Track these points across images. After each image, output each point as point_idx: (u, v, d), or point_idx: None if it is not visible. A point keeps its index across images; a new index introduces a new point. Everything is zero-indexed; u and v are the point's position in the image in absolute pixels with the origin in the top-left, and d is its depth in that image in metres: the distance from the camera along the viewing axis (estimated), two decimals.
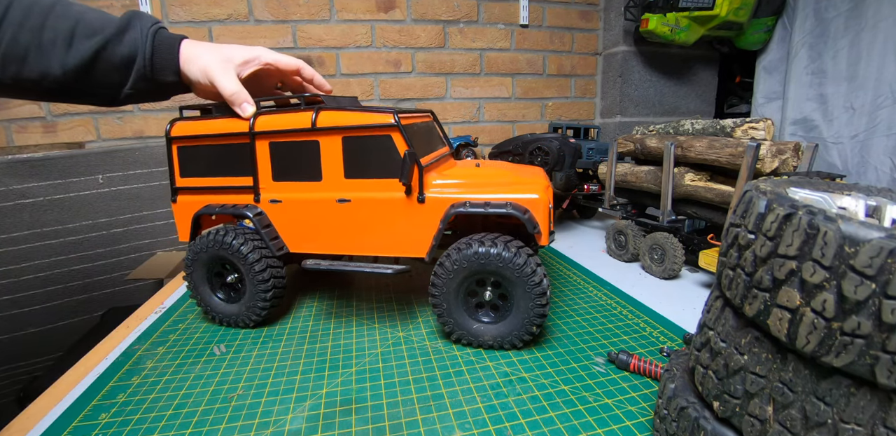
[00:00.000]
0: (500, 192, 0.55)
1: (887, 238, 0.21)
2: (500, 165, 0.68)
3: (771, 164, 0.64)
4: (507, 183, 0.57)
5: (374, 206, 0.56)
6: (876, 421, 0.23)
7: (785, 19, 1.24)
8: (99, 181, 1.15)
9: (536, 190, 0.55)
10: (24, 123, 1.20)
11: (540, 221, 0.54)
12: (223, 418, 0.44)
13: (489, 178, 0.59)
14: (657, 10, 1.20)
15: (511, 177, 0.59)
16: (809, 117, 1.18)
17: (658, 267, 0.79)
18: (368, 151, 0.55)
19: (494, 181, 0.58)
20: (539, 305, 0.52)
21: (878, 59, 1.03)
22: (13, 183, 1.06)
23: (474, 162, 0.73)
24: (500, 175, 0.60)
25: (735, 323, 0.30)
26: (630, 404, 0.45)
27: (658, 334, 0.59)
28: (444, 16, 1.38)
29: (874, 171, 1.05)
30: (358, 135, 0.55)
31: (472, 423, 0.43)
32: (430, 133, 0.66)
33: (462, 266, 0.52)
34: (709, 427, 0.31)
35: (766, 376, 0.27)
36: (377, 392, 0.48)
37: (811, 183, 0.36)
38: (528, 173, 0.64)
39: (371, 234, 0.58)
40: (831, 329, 0.23)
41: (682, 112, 1.54)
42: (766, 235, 0.27)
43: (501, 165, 0.70)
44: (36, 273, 1.11)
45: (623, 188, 0.93)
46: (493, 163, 0.73)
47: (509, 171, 0.62)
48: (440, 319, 0.56)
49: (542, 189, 0.55)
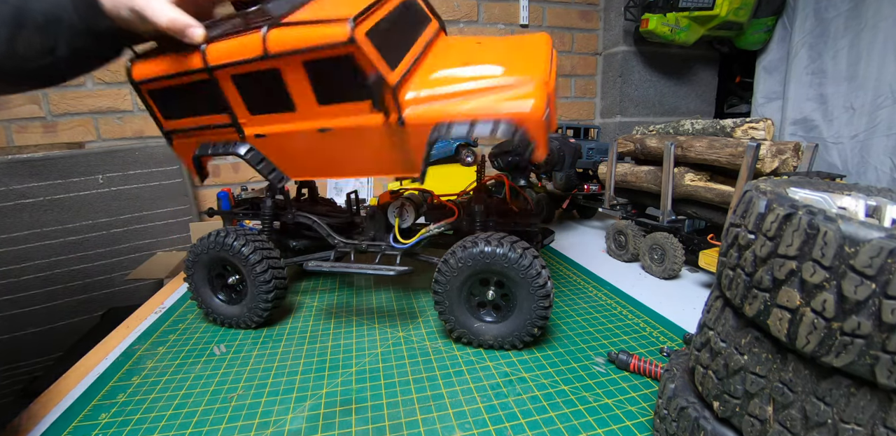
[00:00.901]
0: (489, 103, 0.49)
1: (887, 238, 0.21)
2: (496, 46, 0.60)
3: (771, 164, 0.64)
4: (499, 86, 0.50)
5: (357, 133, 0.52)
6: (876, 421, 0.23)
7: (785, 19, 1.24)
8: (99, 181, 1.16)
9: (532, 94, 0.48)
10: (24, 123, 1.20)
11: (536, 134, 0.48)
12: (223, 418, 0.44)
13: (480, 76, 0.51)
14: (657, 10, 1.20)
15: (505, 72, 0.51)
16: (809, 117, 1.18)
17: (658, 267, 0.79)
18: (334, 73, 0.49)
19: (485, 83, 0.50)
20: (542, 306, 0.52)
21: (878, 59, 1.03)
22: (13, 183, 1.06)
23: (473, 40, 0.64)
24: (493, 71, 0.52)
25: (735, 323, 0.30)
26: (630, 404, 0.45)
27: (658, 334, 0.59)
28: (444, 16, 1.38)
29: (874, 171, 1.05)
30: (317, 57, 0.47)
31: (472, 423, 0.43)
32: (405, 18, 0.56)
33: (466, 265, 0.52)
34: (709, 427, 0.31)
35: (766, 376, 0.27)
36: (377, 392, 0.48)
37: (811, 183, 0.36)
38: (526, 59, 0.55)
39: (361, 159, 0.55)
40: (831, 329, 0.23)
41: (682, 112, 1.54)
42: (766, 236, 0.27)
43: (498, 44, 0.61)
44: (36, 273, 1.11)
45: (623, 188, 0.93)
46: (491, 41, 0.63)
47: (504, 57, 0.55)
48: (442, 316, 0.56)
49: (538, 92, 0.48)
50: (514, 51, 0.57)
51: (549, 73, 0.52)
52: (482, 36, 0.62)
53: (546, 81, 0.50)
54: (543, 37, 0.61)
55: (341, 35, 0.44)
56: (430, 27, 0.60)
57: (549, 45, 0.59)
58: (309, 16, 0.47)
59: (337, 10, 0.47)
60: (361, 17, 0.46)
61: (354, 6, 0.47)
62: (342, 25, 0.45)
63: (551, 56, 0.57)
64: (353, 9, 0.46)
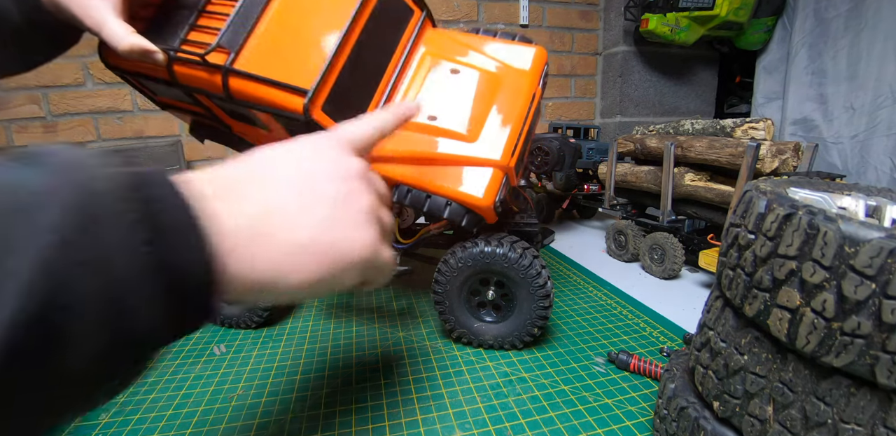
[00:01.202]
0: (447, 179, 0.48)
1: (887, 238, 0.21)
2: (473, 82, 0.51)
3: (771, 164, 0.64)
4: (460, 158, 0.48)
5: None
6: (876, 421, 0.23)
7: (785, 19, 1.24)
8: None
9: (488, 183, 0.47)
10: (24, 123, 1.20)
11: (486, 215, 0.49)
12: (223, 418, 0.44)
13: (444, 132, 0.49)
14: (657, 10, 1.20)
15: (469, 134, 0.48)
16: (809, 117, 1.18)
17: (658, 267, 0.79)
18: (297, 124, 0.46)
19: (447, 148, 0.48)
20: (542, 306, 0.52)
21: (878, 59, 1.03)
22: None
23: (454, 54, 0.53)
24: (458, 126, 0.49)
25: (735, 323, 0.30)
26: (630, 404, 0.45)
27: (658, 334, 0.59)
28: (444, 16, 1.38)
29: (874, 171, 1.05)
30: (280, 112, 0.44)
31: (472, 423, 0.43)
32: (378, 34, 0.48)
33: (467, 265, 0.52)
34: (709, 427, 0.31)
35: (766, 376, 0.27)
36: (377, 392, 0.48)
37: (811, 183, 0.36)
38: (498, 112, 0.51)
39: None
40: (831, 329, 0.23)
41: (682, 112, 1.53)
42: (766, 236, 0.27)
43: (477, 79, 0.52)
44: None
45: (623, 188, 0.93)
46: (470, 72, 0.52)
47: (476, 105, 0.50)
48: (442, 316, 0.56)
49: (493, 183, 0.48)
50: (491, 93, 0.51)
51: (521, 129, 0.50)
52: (467, 45, 0.53)
53: (505, 164, 0.49)
54: (530, 73, 0.53)
55: (297, 107, 0.42)
56: (412, 24, 0.52)
57: (534, 82, 0.53)
58: (264, 59, 0.42)
59: (294, 55, 0.43)
60: (321, 83, 0.43)
61: (313, 47, 0.43)
62: (297, 101, 0.42)
63: (533, 98, 0.52)
64: (312, 57, 0.43)
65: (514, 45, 0.54)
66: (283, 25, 0.43)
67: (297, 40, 0.43)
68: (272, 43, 0.42)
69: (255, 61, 0.42)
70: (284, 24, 0.43)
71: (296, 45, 0.43)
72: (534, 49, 0.54)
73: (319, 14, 0.44)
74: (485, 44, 0.54)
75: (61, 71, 1.17)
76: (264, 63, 0.42)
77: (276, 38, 0.42)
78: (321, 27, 0.44)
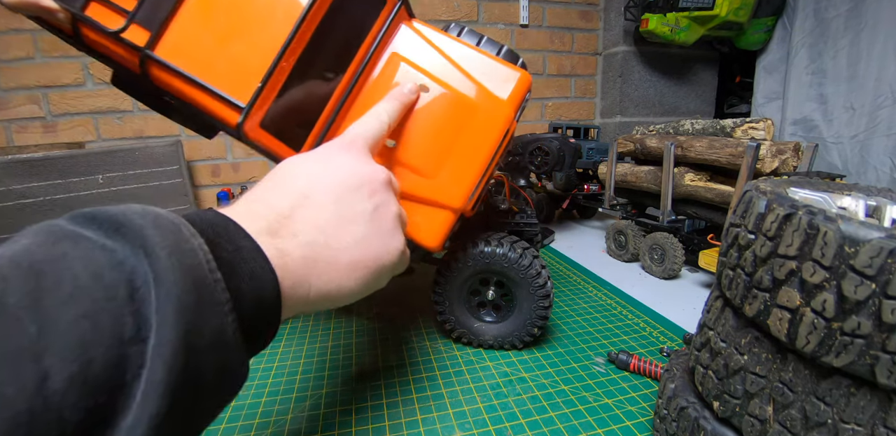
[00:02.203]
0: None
1: (887, 238, 0.21)
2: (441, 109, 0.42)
3: (771, 164, 0.64)
4: (417, 199, 0.43)
5: None
6: (876, 421, 0.23)
7: (785, 19, 1.24)
8: (99, 181, 1.15)
9: (437, 231, 0.43)
10: (24, 123, 1.20)
11: (431, 251, 0.45)
12: (224, 418, 0.44)
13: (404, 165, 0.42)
14: (657, 10, 1.20)
15: (425, 178, 0.42)
16: (809, 117, 1.18)
17: (658, 267, 0.79)
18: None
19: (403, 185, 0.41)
20: (542, 306, 0.52)
21: (878, 59, 1.03)
22: (13, 183, 1.06)
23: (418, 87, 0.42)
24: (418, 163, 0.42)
25: (735, 323, 0.30)
26: (630, 404, 0.45)
27: (658, 334, 0.59)
28: (444, 16, 1.38)
29: (874, 171, 1.05)
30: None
31: (472, 423, 0.43)
32: (336, 33, 0.39)
33: (466, 264, 0.52)
34: (709, 427, 0.31)
35: (766, 376, 0.27)
36: (377, 392, 0.48)
37: (811, 183, 0.36)
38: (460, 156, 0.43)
39: None
40: (831, 329, 0.23)
41: (682, 112, 1.54)
42: (766, 236, 0.27)
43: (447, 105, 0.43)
44: None
45: (623, 188, 0.93)
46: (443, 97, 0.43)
47: (439, 143, 0.42)
48: (441, 316, 0.56)
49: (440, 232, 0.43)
50: (461, 123, 0.43)
51: (486, 171, 0.44)
52: (444, 53, 0.44)
53: (461, 207, 0.43)
54: (507, 104, 0.44)
55: (230, 122, 0.36)
56: (382, 16, 0.42)
57: (510, 115, 0.44)
58: (190, 50, 0.35)
59: (229, 53, 0.35)
60: (260, 97, 0.35)
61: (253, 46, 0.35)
62: (231, 114, 0.35)
63: (506, 133, 0.44)
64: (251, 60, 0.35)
65: (496, 64, 0.45)
66: (217, 10, 0.35)
67: (234, 34, 0.35)
68: (201, 31, 0.34)
69: (181, 51, 0.34)
70: (218, 8, 0.35)
71: (231, 39, 0.35)
72: (518, 74, 0.45)
73: (265, 4, 0.36)
74: (464, 54, 0.45)
75: (61, 71, 1.17)
76: (191, 55, 0.34)
77: (205, 26, 0.34)
78: (266, 20, 0.35)
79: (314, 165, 0.29)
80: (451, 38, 0.45)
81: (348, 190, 0.28)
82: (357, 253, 0.27)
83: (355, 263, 0.27)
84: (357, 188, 0.29)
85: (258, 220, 0.24)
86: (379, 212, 0.29)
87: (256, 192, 0.27)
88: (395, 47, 0.43)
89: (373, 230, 0.28)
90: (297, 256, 0.24)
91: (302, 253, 0.24)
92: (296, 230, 0.25)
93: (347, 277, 0.27)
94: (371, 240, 0.28)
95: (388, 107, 0.37)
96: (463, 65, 0.44)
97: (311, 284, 0.25)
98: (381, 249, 0.29)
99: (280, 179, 0.28)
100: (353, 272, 0.27)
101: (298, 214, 0.26)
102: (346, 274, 0.27)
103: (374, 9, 0.41)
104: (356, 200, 0.28)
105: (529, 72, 0.47)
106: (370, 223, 0.28)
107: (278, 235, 0.24)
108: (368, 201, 0.29)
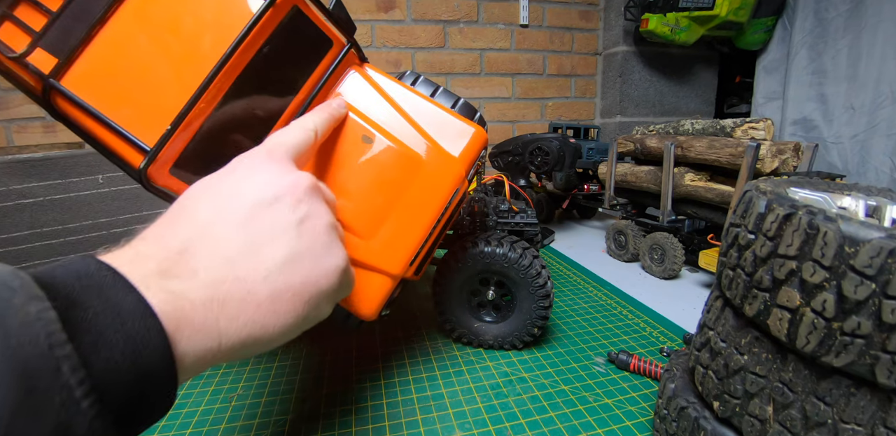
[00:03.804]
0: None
1: (887, 238, 0.21)
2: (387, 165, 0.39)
3: (771, 164, 0.64)
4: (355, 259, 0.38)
5: None
6: (876, 421, 0.23)
7: (785, 19, 1.24)
8: (99, 181, 1.15)
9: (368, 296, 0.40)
10: (24, 123, 1.20)
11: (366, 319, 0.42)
12: (223, 418, 0.44)
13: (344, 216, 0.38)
14: (657, 10, 1.20)
15: (362, 241, 0.39)
16: (809, 117, 1.18)
17: (658, 267, 0.79)
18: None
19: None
20: (542, 306, 0.52)
21: (878, 59, 1.03)
22: (13, 183, 1.06)
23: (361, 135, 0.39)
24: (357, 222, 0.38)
25: (735, 323, 0.30)
26: (630, 404, 0.45)
27: (658, 334, 0.59)
28: (444, 16, 1.38)
29: (874, 171, 1.05)
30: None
31: (472, 423, 0.43)
32: (266, 75, 0.35)
33: (466, 265, 0.52)
34: (709, 427, 0.31)
35: (766, 376, 0.27)
36: (377, 392, 0.48)
37: (811, 183, 0.36)
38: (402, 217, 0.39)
39: None
40: (831, 329, 0.23)
41: (682, 112, 1.54)
42: (766, 235, 0.27)
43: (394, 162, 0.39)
44: None
45: (623, 188, 0.93)
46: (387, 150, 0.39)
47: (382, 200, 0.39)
48: (442, 316, 0.56)
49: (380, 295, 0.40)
50: (404, 180, 0.39)
51: (430, 235, 0.41)
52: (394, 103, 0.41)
53: (400, 274, 0.40)
54: (458, 162, 0.41)
55: (135, 164, 0.32)
56: (327, 59, 0.38)
57: (461, 174, 0.41)
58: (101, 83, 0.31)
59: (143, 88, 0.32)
60: (170, 139, 0.31)
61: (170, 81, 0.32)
62: (137, 156, 0.32)
63: (455, 193, 0.42)
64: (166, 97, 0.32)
65: (450, 118, 0.42)
66: (134, 41, 0.31)
67: (152, 69, 0.32)
68: (116, 63, 0.31)
69: (89, 84, 0.31)
70: (136, 38, 0.31)
71: (149, 74, 0.32)
72: (472, 130, 0.42)
73: (190, 32, 0.32)
74: (416, 105, 0.42)
75: None
76: (100, 89, 0.31)
77: (122, 59, 0.31)
78: (188, 57, 0.32)
79: (220, 186, 0.24)
80: (404, 87, 0.42)
81: (262, 206, 0.23)
82: (281, 281, 0.22)
83: (280, 294, 0.22)
84: (274, 201, 0.24)
85: (145, 262, 0.19)
86: (307, 224, 0.24)
87: (150, 229, 0.22)
88: (341, 92, 0.40)
89: (302, 247, 0.24)
90: (199, 300, 0.20)
91: (205, 294, 0.20)
92: (195, 267, 0.20)
93: (273, 313, 0.22)
94: (300, 260, 0.23)
95: (316, 118, 0.33)
96: (413, 117, 0.41)
97: (222, 331, 0.20)
98: (315, 269, 0.24)
99: (179, 210, 0.23)
100: (280, 305, 0.22)
101: (198, 247, 0.21)
102: (270, 309, 0.22)
103: (318, 51, 0.38)
104: (275, 215, 0.24)
105: (529, 71, 0.46)
106: (297, 240, 0.24)
107: (172, 276, 0.20)
108: (292, 214, 0.24)
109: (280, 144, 0.28)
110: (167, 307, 0.18)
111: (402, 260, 0.39)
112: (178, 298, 0.19)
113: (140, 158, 0.32)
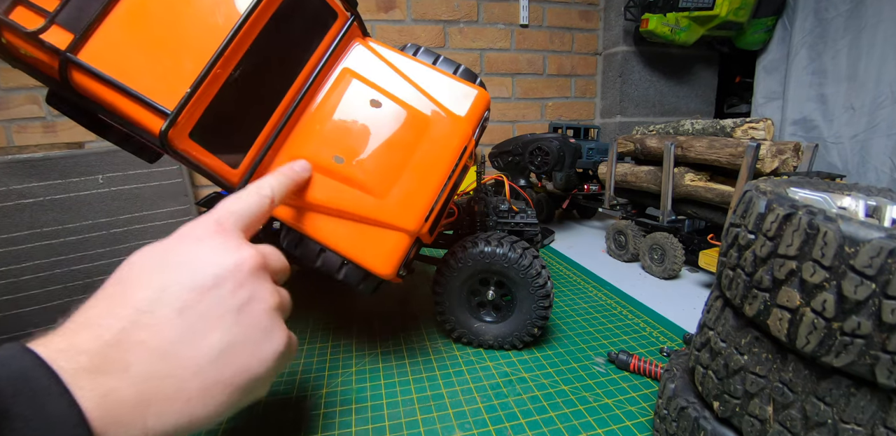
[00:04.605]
0: (348, 241, 0.40)
1: (887, 238, 0.21)
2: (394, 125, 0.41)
3: (771, 164, 0.64)
4: (365, 219, 0.40)
5: None
6: (876, 421, 0.23)
7: (785, 19, 1.24)
8: (99, 181, 1.15)
9: (391, 255, 0.41)
10: (24, 123, 1.20)
11: (386, 278, 0.43)
12: (224, 418, 0.44)
13: (348, 195, 0.40)
14: (657, 10, 1.20)
15: (375, 201, 0.40)
16: (809, 117, 1.18)
17: (658, 267, 0.79)
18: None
19: (351, 205, 0.40)
20: (542, 306, 0.52)
21: (878, 59, 1.03)
22: (13, 183, 1.06)
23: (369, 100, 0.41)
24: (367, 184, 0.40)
25: (735, 323, 0.30)
26: (630, 404, 0.45)
27: (658, 333, 0.59)
28: (444, 16, 1.38)
29: (874, 171, 1.05)
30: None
31: (472, 423, 0.43)
32: (276, 45, 0.37)
33: (466, 265, 0.52)
34: (709, 427, 0.31)
35: (766, 376, 0.27)
36: (377, 392, 0.48)
37: (811, 183, 0.36)
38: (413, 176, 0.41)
39: None
40: (831, 329, 0.23)
41: (682, 112, 1.54)
42: (766, 235, 0.27)
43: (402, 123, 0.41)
44: (36, 273, 1.11)
45: (623, 188, 0.93)
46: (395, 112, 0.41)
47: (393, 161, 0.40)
48: (441, 316, 0.56)
49: (395, 255, 0.41)
50: (414, 140, 0.41)
51: (442, 191, 0.42)
52: (398, 69, 0.43)
53: (416, 230, 0.41)
54: (464, 121, 0.43)
55: (155, 129, 0.33)
56: (333, 30, 0.41)
57: (468, 133, 0.43)
58: (119, 55, 0.33)
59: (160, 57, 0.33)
60: (189, 104, 0.33)
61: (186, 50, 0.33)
62: (157, 120, 0.33)
63: (463, 151, 0.43)
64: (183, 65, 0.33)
65: (453, 82, 0.44)
66: (150, 14, 0.33)
67: (167, 39, 0.34)
68: (130, 35, 0.33)
69: (106, 56, 0.32)
70: (151, 12, 0.33)
71: (164, 44, 0.33)
72: (475, 91, 0.45)
73: (202, 6, 0.34)
74: (420, 72, 0.44)
75: None
76: (117, 60, 0.32)
77: (136, 31, 0.33)
78: (202, 26, 0.34)
79: (164, 259, 0.24)
80: (406, 56, 0.44)
81: (202, 292, 0.23)
82: (213, 373, 0.22)
83: (212, 386, 0.22)
84: (213, 287, 0.24)
85: (77, 356, 0.19)
86: (246, 311, 0.24)
87: (90, 307, 0.22)
88: (347, 63, 0.42)
89: (239, 335, 0.24)
90: (128, 396, 0.20)
91: (135, 392, 0.20)
92: (127, 362, 0.20)
93: (202, 405, 0.22)
94: (237, 349, 0.23)
95: (273, 181, 0.33)
96: (418, 82, 0.43)
97: (148, 427, 0.20)
98: (250, 358, 0.24)
99: (120, 286, 0.23)
100: (211, 398, 0.22)
101: (133, 338, 0.21)
102: (200, 403, 0.22)
103: (324, 22, 0.40)
104: (215, 302, 0.23)
105: (529, 71, 0.47)
106: (235, 327, 0.24)
107: (103, 372, 0.19)
108: (232, 299, 0.24)
109: (230, 214, 0.28)
110: (97, 413, 0.18)
111: (418, 216, 0.41)
112: (108, 400, 0.19)
113: (160, 122, 0.33)
